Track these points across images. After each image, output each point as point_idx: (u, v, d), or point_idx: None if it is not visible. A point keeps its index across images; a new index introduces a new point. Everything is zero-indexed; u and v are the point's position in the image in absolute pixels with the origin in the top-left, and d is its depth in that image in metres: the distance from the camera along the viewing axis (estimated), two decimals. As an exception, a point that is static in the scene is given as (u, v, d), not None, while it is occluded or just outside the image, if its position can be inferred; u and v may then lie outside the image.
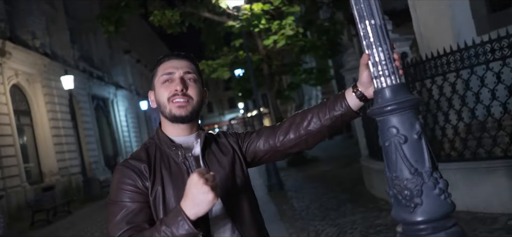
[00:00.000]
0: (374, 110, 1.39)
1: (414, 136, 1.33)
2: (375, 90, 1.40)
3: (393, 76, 1.37)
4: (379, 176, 6.71)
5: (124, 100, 30.18)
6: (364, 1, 1.38)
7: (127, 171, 1.42)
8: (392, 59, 1.37)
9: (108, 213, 1.40)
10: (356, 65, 9.19)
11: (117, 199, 1.39)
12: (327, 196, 7.53)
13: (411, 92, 1.42)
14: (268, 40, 14.19)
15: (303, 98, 29.15)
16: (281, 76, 19.00)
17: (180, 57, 1.53)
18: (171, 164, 1.45)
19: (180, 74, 1.48)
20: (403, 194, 1.34)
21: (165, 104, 1.47)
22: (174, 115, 1.46)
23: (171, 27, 14.55)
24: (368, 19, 1.37)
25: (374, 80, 1.40)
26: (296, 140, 1.58)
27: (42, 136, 17.33)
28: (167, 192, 1.40)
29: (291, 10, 14.08)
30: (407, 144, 1.33)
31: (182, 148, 1.47)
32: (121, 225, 1.34)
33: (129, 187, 1.40)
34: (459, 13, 6.28)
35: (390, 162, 1.37)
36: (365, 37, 1.39)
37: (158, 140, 1.51)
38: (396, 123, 1.34)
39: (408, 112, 1.35)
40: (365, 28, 1.38)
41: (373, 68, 1.39)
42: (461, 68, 4.98)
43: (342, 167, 10.84)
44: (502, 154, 4.71)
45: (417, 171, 1.32)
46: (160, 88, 1.49)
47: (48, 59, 18.19)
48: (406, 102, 1.34)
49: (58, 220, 11.91)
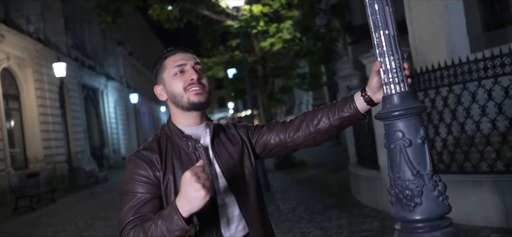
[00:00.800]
0: (382, 114, 1.50)
1: (418, 140, 1.44)
2: (384, 96, 1.51)
3: (402, 84, 1.48)
4: (366, 183, 6.85)
5: (114, 92, 30.00)
6: (380, 12, 1.48)
7: (139, 162, 1.48)
8: (402, 68, 1.48)
9: (120, 202, 1.47)
10: (350, 73, 9.35)
11: (128, 189, 1.45)
12: (314, 199, 7.64)
13: (417, 100, 1.53)
14: (265, 42, 14.28)
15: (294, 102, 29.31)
16: (274, 79, 19.10)
17: (185, 50, 1.60)
18: (181, 154, 1.51)
19: (191, 65, 1.55)
20: (404, 194, 1.45)
21: (181, 94, 1.53)
22: (193, 103, 1.52)
23: (169, 22, 14.57)
24: (383, 29, 1.48)
25: (384, 87, 1.50)
26: (305, 137, 1.67)
27: (29, 121, 17.18)
28: (178, 181, 1.44)
29: (289, 14, 14.19)
30: (411, 147, 1.44)
31: (192, 139, 1.53)
32: (128, 214, 1.41)
33: (140, 177, 1.45)
34: (454, 29, 6.45)
35: (394, 163, 1.48)
36: (379, 46, 1.49)
37: (169, 131, 1.57)
38: (402, 127, 1.45)
39: (414, 118, 1.46)
40: (379, 37, 1.49)
41: (384, 75, 1.49)
42: (454, 83, 5.14)
43: (330, 172, 10.97)
44: (488, 169, 4.87)
45: (419, 173, 1.43)
46: (172, 80, 1.54)
47: (41, 45, 18.04)
48: (412, 109, 1.45)
49: (42, 207, 11.82)
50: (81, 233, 7.55)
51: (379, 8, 1.50)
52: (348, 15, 17.26)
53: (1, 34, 14.98)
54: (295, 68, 17.25)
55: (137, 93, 33.68)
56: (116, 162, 27.15)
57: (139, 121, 36.72)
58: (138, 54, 39.58)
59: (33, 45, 17.50)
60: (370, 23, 1.53)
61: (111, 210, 9.95)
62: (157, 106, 46.59)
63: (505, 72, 4.66)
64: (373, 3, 1.51)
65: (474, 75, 4.90)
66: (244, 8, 13.00)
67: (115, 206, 10.58)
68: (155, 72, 1.61)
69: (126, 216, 1.41)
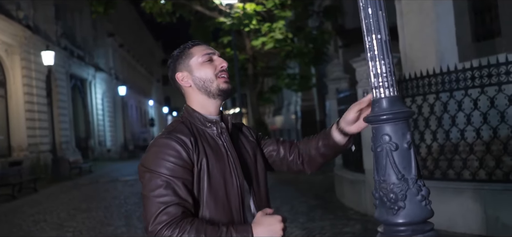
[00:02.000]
0: (370, 117, 1.52)
1: (404, 144, 1.46)
2: (373, 99, 1.53)
3: (391, 88, 1.49)
4: (350, 186, 6.91)
5: (103, 83, 29.73)
6: (373, 17, 1.50)
7: (173, 144, 1.46)
8: (392, 73, 1.50)
9: (148, 184, 1.43)
10: (340, 76, 9.40)
11: (161, 171, 1.42)
12: (298, 200, 7.69)
13: (405, 105, 1.55)
14: (256, 41, 14.31)
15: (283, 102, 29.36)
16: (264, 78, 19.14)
17: (208, 44, 1.66)
18: (208, 138, 1.54)
19: (218, 55, 1.63)
20: (389, 197, 1.47)
21: (212, 80, 1.57)
22: (223, 89, 1.58)
23: (162, 16, 14.52)
24: (375, 33, 1.50)
25: (374, 90, 1.52)
26: (300, 164, 1.78)
27: (15, 109, 16.94)
28: (211, 163, 1.48)
29: (282, 14, 14.24)
30: (398, 151, 1.46)
31: (218, 123, 1.57)
32: (165, 198, 1.39)
33: (176, 159, 1.44)
34: (444, 38, 6.53)
35: (379, 166, 1.50)
36: (370, 49, 1.51)
37: (190, 117, 1.58)
38: (389, 131, 1.47)
39: (401, 123, 1.48)
40: (371, 41, 1.50)
41: (374, 79, 1.51)
42: (441, 91, 5.21)
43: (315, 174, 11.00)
44: (470, 177, 4.96)
45: (404, 177, 1.45)
46: (202, 66, 1.58)
47: (30, 32, 17.78)
48: (400, 114, 1.47)
49: (23, 196, 11.66)
50: (62, 224, 7.47)
51: (373, 12, 1.52)
52: (341, 18, 17.37)
53: (-11, 19, 14.75)
54: (285, 69, 17.30)
55: (126, 85, 33.42)
56: (101, 154, 26.92)
57: (126, 113, 36.44)
58: (129, 46, 39.27)
59: (22, 32, 17.25)
60: (363, 27, 1.55)
61: (94, 202, 9.88)
62: (145, 99, 46.33)
63: (491, 83, 4.74)
64: (367, 7, 1.53)
65: (461, 84, 4.98)
66: (237, 5, 13.02)
67: (98, 198, 10.51)
68: (176, 59, 1.63)
69: (163, 200, 1.38)
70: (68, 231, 6.86)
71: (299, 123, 23.24)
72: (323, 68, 16.17)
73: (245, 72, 16.24)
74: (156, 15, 14.79)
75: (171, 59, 1.66)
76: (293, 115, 24.96)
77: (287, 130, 26.48)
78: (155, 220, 1.37)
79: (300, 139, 1.80)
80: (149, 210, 1.39)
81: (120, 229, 6.80)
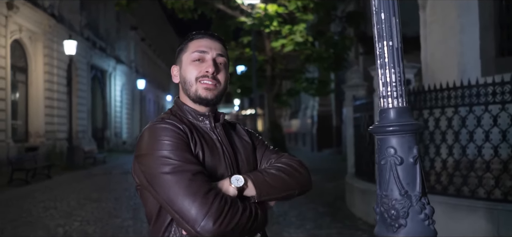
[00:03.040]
0: (376, 128, 1.44)
1: (410, 159, 1.37)
2: (380, 109, 1.45)
3: (400, 98, 1.40)
4: (361, 195, 6.78)
5: (123, 75, 30.05)
6: (386, 22, 1.41)
7: (168, 127, 1.33)
8: (402, 83, 1.41)
9: (158, 173, 1.27)
10: (358, 84, 9.26)
11: (176, 158, 1.26)
12: (307, 206, 7.59)
13: (414, 118, 1.46)
14: (276, 42, 14.25)
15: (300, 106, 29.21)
16: (282, 81, 19.05)
17: (214, 38, 1.50)
18: (201, 132, 1.43)
19: (213, 56, 1.45)
20: (390, 213, 1.38)
21: (191, 83, 1.44)
22: (199, 96, 1.43)
23: (183, 12, 14.58)
24: (387, 40, 1.41)
25: (381, 100, 1.44)
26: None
27: (35, 96, 17.23)
28: (206, 157, 1.37)
29: (304, 17, 14.14)
30: (402, 166, 1.37)
31: (210, 117, 1.45)
32: (201, 185, 1.24)
33: (184, 142, 1.32)
34: (467, 51, 6.35)
35: (382, 180, 1.41)
36: (381, 57, 1.42)
37: (179, 110, 1.47)
38: (395, 143, 1.38)
39: (408, 136, 1.39)
40: (382, 48, 1.42)
41: (383, 88, 1.42)
42: (460, 105, 5.05)
43: (327, 180, 10.90)
44: (485, 196, 4.78)
45: (407, 193, 1.36)
46: (189, 65, 1.45)
47: (54, 21, 18.09)
48: (408, 126, 1.38)
49: (37, 182, 11.82)
50: (71, 212, 7.52)
51: (385, 18, 1.44)
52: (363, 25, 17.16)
53: (16, 5, 15.02)
54: (304, 72, 17.19)
55: (145, 79, 33.73)
56: (116, 145, 27.19)
57: (144, 107, 36.79)
58: (150, 41, 39.65)
59: (47, 20, 17.54)
60: (374, 32, 1.47)
61: (104, 192, 9.94)
62: (163, 94, 46.70)
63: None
64: (380, 11, 1.45)
65: (482, 99, 4.81)
66: (259, 6, 12.99)
67: (109, 189, 10.58)
68: (179, 50, 1.52)
69: (201, 185, 1.23)
70: (76, 220, 6.89)
71: (314, 127, 23.06)
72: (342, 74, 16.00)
73: (263, 73, 16.19)
74: (178, 11, 14.85)
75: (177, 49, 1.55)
76: (309, 120, 24.80)
77: (303, 134, 26.33)
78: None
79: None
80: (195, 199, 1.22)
81: (127, 221, 6.81)
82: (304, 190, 1.50)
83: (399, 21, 1.45)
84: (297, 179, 1.48)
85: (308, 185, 1.52)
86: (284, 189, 1.42)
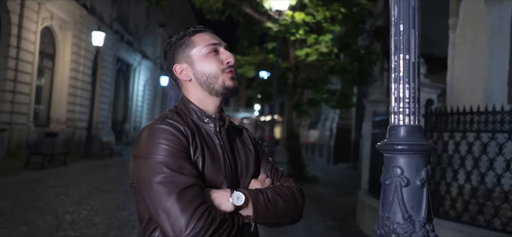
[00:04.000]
0: (384, 145, 1.35)
1: (417, 181, 1.29)
2: (390, 126, 1.36)
3: (412, 116, 1.32)
4: (372, 213, 6.62)
5: (147, 71, 30.41)
6: (404, 34, 1.33)
7: (171, 130, 1.27)
8: (416, 100, 1.32)
9: (146, 171, 1.23)
10: (379, 99, 9.11)
11: (173, 166, 1.21)
12: (315, 219, 7.46)
13: (426, 138, 1.37)
14: (300, 51, 14.15)
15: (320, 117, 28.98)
16: (304, 90, 18.88)
17: (213, 32, 1.48)
18: (204, 135, 1.36)
19: (225, 47, 1.44)
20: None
21: (217, 75, 1.39)
22: (228, 87, 1.39)
23: (211, 13, 14.63)
24: (403, 53, 1.33)
25: (392, 116, 1.35)
26: None
27: (59, 83, 17.56)
28: (206, 163, 1.30)
29: (331, 28, 13.99)
30: (408, 188, 1.29)
31: (217, 120, 1.39)
32: (194, 199, 1.18)
33: (183, 149, 1.26)
34: (495, 76, 6.15)
35: (385, 201, 1.33)
36: (395, 70, 1.34)
37: (184, 108, 1.41)
38: (403, 163, 1.30)
39: (417, 157, 1.30)
40: (398, 61, 1.33)
41: (395, 103, 1.34)
42: (483, 131, 4.87)
43: (339, 195, 10.73)
44: (500, 227, 4.59)
45: (411, 218, 1.27)
46: (205, 59, 1.40)
47: (86, 12, 18.45)
48: (418, 146, 1.29)
49: (53, 167, 11.99)
50: (81, 201, 7.57)
51: (404, 29, 1.36)
52: (390, 41, 16.85)
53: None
54: (326, 83, 17.03)
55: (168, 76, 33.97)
56: (134, 139, 27.35)
57: (165, 103, 37.12)
58: (177, 39, 39.93)
59: (78, 10, 17.90)
60: (391, 44, 1.39)
61: (116, 184, 10.00)
62: (186, 93, 46.99)
63: (539, 131, 4.38)
64: (399, 23, 1.37)
65: (506, 126, 4.63)
66: (287, 13, 12.90)
67: (121, 181, 10.63)
68: (176, 48, 1.44)
69: (190, 201, 1.16)
70: (84, 209, 6.93)
71: (332, 140, 22.82)
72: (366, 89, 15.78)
73: (285, 81, 16.09)
74: (206, 12, 14.90)
75: (169, 46, 1.47)
76: (328, 132, 24.57)
77: (320, 145, 26.08)
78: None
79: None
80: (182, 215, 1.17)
81: (134, 216, 6.79)
82: (295, 221, 1.45)
83: (419, 35, 1.37)
84: (293, 207, 1.42)
85: (300, 216, 1.47)
86: (278, 215, 1.36)
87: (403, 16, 1.35)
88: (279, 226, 1.42)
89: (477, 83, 6.34)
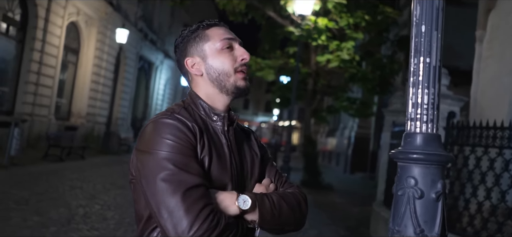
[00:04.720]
0: (398, 153, 1.26)
1: (432, 194, 1.20)
2: (405, 133, 1.27)
3: (430, 124, 1.23)
4: (386, 225, 6.43)
5: (168, 70, 30.67)
6: (426, 36, 1.24)
7: (179, 126, 1.22)
8: (436, 107, 1.23)
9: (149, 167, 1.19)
10: (399, 109, 8.88)
11: (177, 164, 1.16)
12: (328, 227, 7.34)
13: (444, 149, 1.27)
14: (322, 57, 14.03)
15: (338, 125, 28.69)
16: (323, 97, 18.71)
17: (228, 27, 1.42)
18: (211, 132, 1.31)
19: (239, 43, 1.39)
20: (401, 253, 1.21)
21: (230, 74, 1.33)
22: (239, 87, 1.34)
23: (234, 15, 14.66)
24: (424, 55, 1.24)
25: (409, 122, 1.26)
26: None
27: (82, 77, 17.82)
28: (213, 162, 1.25)
29: (354, 35, 13.83)
30: (422, 200, 1.20)
31: (225, 119, 1.34)
32: (198, 200, 1.14)
33: (190, 146, 1.21)
34: (521, 91, 5.94)
35: (397, 213, 1.25)
36: (414, 74, 1.25)
37: (192, 103, 1.36)
38: (417, 174, 1.22)
39: (433, 168, 1.21)
40: (417, 64, 1.25)
41: (412, 109, 1.25)
42: (506, 147, 4.68)
43: (353, 204, 10.56)
44: (521, 249, 4.40)
45: (423, 232, 1.19)
46: (219, 55, 1.34)
47: (111, 9, 18.70)
48: (434, 156, 1.21)
49: (70, 161, 12.15)
50: (95, 195, 7.62)
51: (426, 31, 1.27)
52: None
53: (77, -10, 15.63)
54: (346, 91, 16.84)
55: (189, 76, 34.20)
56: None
57: (186, 104, 37.33)
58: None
59: (104, 7, 18.16)
60: (411, 46, 1.31)
61: (131, 181, 10.01)
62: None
63: None
64: (421, 23, 1.28)
65: (531, 144, 4.44)
66: (310, 18, 12.81)
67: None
68: (187, 40, 1.38)
69: (195, 201, 1.12)
70: (97, 204, 6.96)
71: (350, 149, 22.56)
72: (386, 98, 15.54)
73: (304, 86, 15.98)
74: (229, 13, 14.95)
75: (181, 38, 1.40)
76: (346, 140, 24.29)
77: (337, 153, 25.80)
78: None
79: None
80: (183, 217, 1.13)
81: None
82: (298, 228, 1.39)
83: (441, 37, 1.28)
84: (297, 214, 1.36)
85: (303, 223, 1.41)
86: (283, 222, 1.31)
87: (426, 16, 1.27)
88: (282, 232, 1.36)
89: (502, 98, 6.14)
